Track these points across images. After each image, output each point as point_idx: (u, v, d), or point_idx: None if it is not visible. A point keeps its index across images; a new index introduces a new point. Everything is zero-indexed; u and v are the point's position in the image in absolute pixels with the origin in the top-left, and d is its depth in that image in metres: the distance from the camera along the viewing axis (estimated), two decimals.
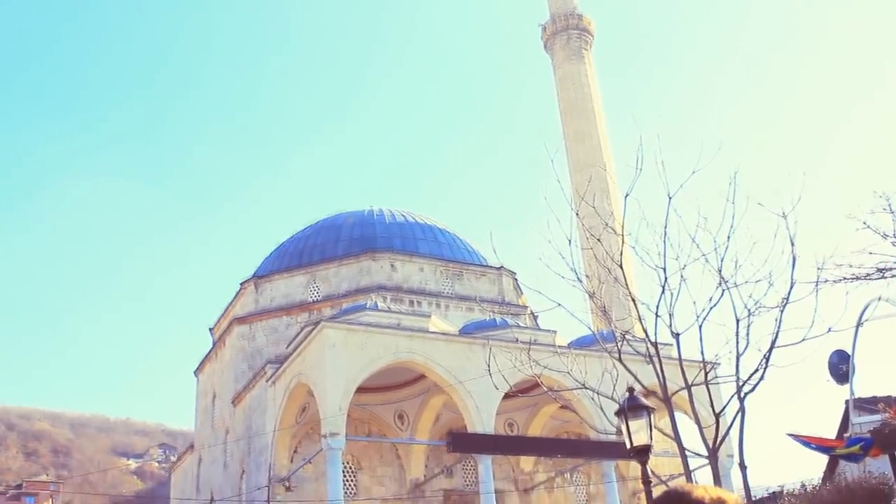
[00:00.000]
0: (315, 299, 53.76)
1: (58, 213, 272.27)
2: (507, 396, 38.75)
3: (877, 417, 16.05)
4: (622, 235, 17.99)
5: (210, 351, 59.44)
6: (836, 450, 15.21)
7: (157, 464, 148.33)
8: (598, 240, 17.96)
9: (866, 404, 21.79)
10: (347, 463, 45.16)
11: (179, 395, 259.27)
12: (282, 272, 55.69)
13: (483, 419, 42.06)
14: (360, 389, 41.02)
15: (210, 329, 62.36)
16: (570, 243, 17.85)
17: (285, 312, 53.63)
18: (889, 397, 20.81)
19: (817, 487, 11.24)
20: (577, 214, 18.93)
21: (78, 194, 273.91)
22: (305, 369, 42.15)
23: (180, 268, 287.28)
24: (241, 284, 56.60)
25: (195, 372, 62.09)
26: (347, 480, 45.13)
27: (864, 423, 17.71)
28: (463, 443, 43.01)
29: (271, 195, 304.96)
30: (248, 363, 52.02)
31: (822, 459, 23.92)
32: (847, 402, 21.99)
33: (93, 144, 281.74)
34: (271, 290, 55.15)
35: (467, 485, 48.78)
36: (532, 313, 53.28)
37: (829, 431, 23.46)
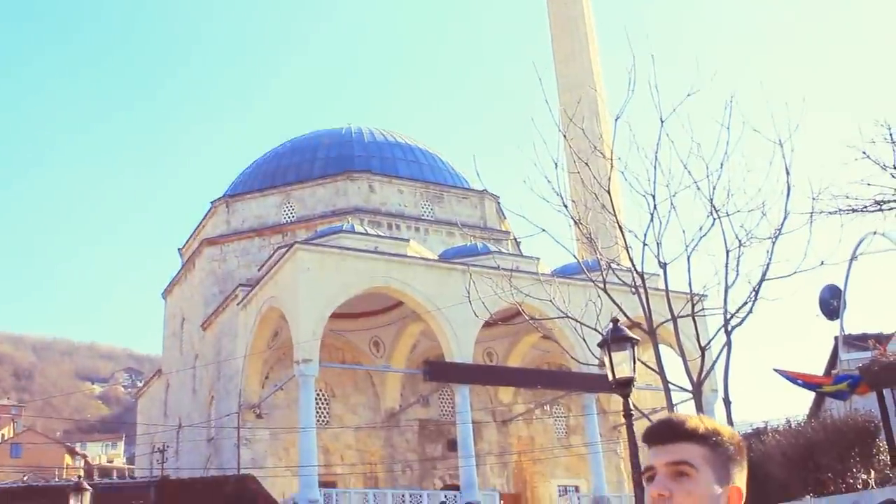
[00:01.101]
0: (289, 221, 53.55)
1: (21, 131, 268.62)
2: (486, 325, 38.91)
3: (866, 354, 16.20)
4: (611, 160, 17.85)
5: (179, 273, 59.30)
6: (823, 387, 15.37)
7: (122, 389, 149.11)
8: (586, 164, 17.81)
9: (856, 341, 22.00)
10: (320, 390, 45.49)
11: (147, 318, 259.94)
12: (255, 192, 55.32)
13: (461, 348, 42.33)
14: (335, 315, 41.11)
15: (179, 250, 62.15)
16: (556, 166, 17.71)
17: (258, 234, 53.44)
18: (880, 334, 21.01)
19: (802, 424, 11.37)
20: (564, 136, 18.74)
21: (44, 113, 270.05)
22: (278, 293, 42.16)
23: (149, 186, 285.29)
24: (211, 204, 56.25)
25: (163, 294, 62.02)
26: (320, 408, 45.51)
27: (853, 360, 17.88)
28: (440, 372, 43.34)
29: (246, 113, 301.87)
30: (218, 286, 51.95)
31: (808, 397, 24.25)
32: (836, 338, 22.20)
33: (65, 60, 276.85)
34: (243, 211, 54.84)
35: (443, 415, 49.32)
36: (515, 239, 53.31)
37: (817, 369, 23.75)
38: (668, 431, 1.97)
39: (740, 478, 2.01)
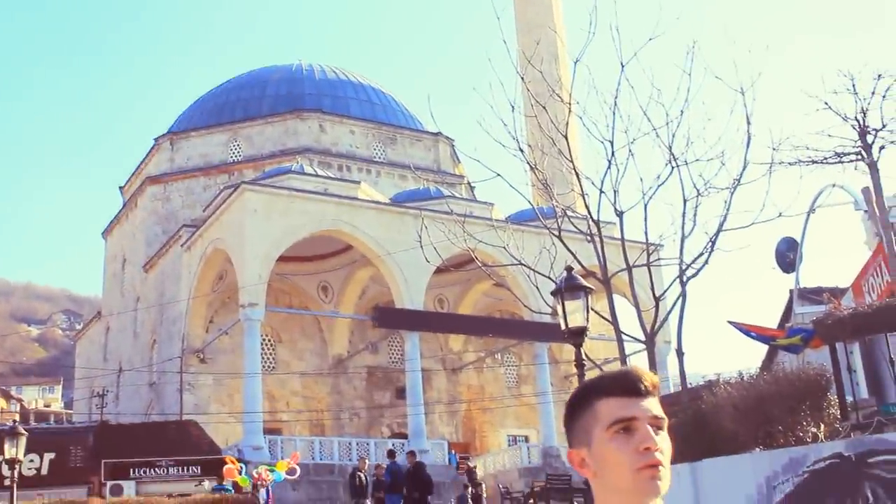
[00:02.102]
0: (236, 160, 52.97)
1: None
2: (438, 271, 39.03)
3: (820, 308, 16.45)
4: (569, 104, 17.82)
5: (120, 212, 58.54)
6: (777, 340, 15.63)
7: (60, 331, 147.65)
8: (544, 107, 17.73)
9: (811, 295, 22.37)
10: (266, 335, 45.42)
11: (86, 259, 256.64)
12: (200, 129, 54.55)
13: (412, 294, 42.44)
14: (282, 259, 40.96)
15: (120, 188, 61.25)
16: (513, 109, 17.63)
17: (203, 173, 52.82)
18: (835, 288, 21.39)
19: (754, 377, 11.57)
20: (522, 79, 18.66)
21: None
22: (223, 235, 41.84)
23: (93, 123, 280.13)
24: (155, 141, 55.40)
25: (103, 234, 61.25)
26: (266, 354, 45.48)
27: (808, 313, 18.16)
28: (389, 318, 43.47)
29: (194, 47, 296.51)
30: (161, 226, 51.42)
31: (761, 350, 24.69)
32: (791, 291, 22.55)
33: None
34: (188, 149, 54.10)
35: (393, 362, 49.55)
36: (469, 184, 53.29)
37: (772, 322, 24.14)
38: (649, 383, 1.95)
39: None
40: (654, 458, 1.86)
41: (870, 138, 16.50)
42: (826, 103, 16.51)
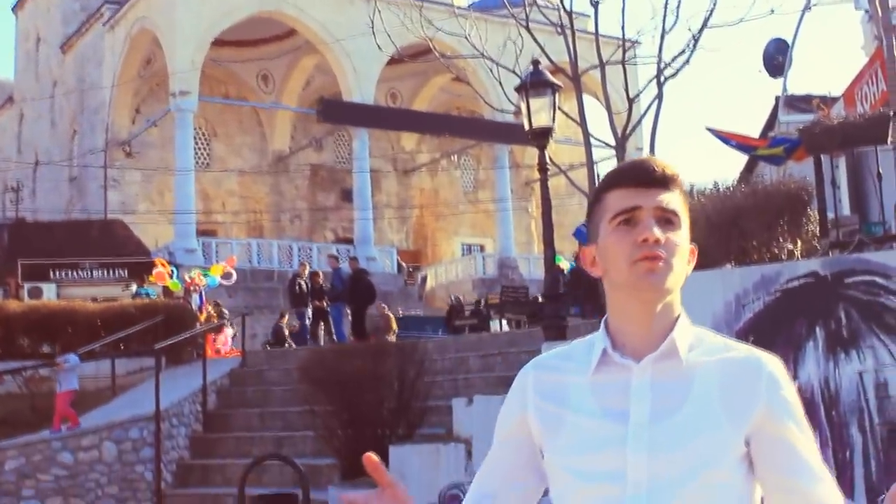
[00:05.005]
0: None
1: None
2: (391, 62, 38.41)
3: (807, 118, 16.47)
4: None
5: None
6: (758, 150, 15.65)
7: None
8: None
9: (799, 102, 22.35)
10: (199, 128, 44.98)
11: None
12: None
13: (361, 86, 42.00)
14: (218, 42, 40.15)
15: None
16: None
17: None
18: (825, 96, 21.36)
19: (731, 189, 11.63)
20: None
21: None
22: (152, 14, 40.73)
23: None
24: None
25: (13, 9, 59.26)
26: (199, 149, 45.13)
27: (793, 122, 18.17)
28: (336, 112, 43.10)
29: None
30: (80, 2, 49.76)
31: (740, 161, 24.86)
32: (777, 98, 22.51)
33: None
34: None
35: (339, 161, 49.50)
36: None
37: (754, 131, 24.21)
38: (659, 173, 1.90)
39: None
40: (653, 251, 1.84)
41: None
42: None
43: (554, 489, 1.97)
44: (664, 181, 1.90)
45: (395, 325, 25.56)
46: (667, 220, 1.88)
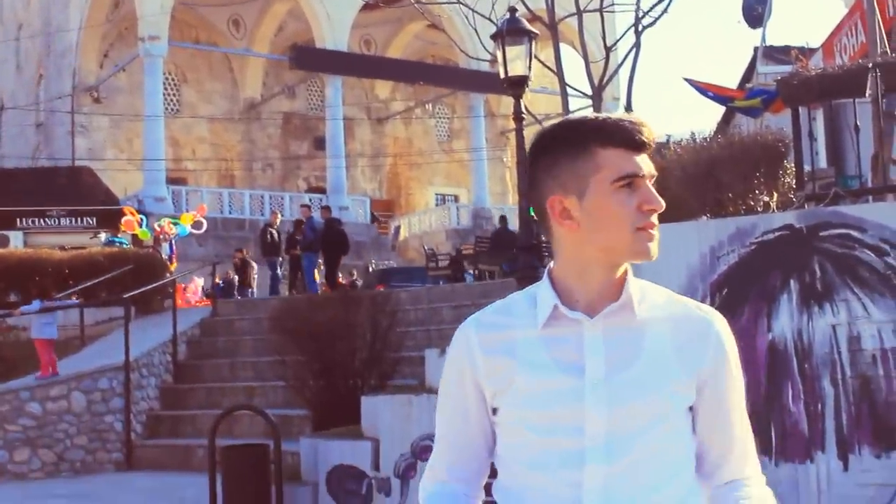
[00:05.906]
0: None
1: None
2: (365, 7, 38.22)
3: (785, 69, 16.46)
4: None
5: None
6: (735, 101, 15.68)
7: None
8: None
9: (777, 53, 22.37)
10: (169, 74, 44.57)
11: None
12: None
13: (335, 32, 41.68)
14: None
15: None
16: None
17: None
18: (804, 48, 21.37)
19: (707, 140, 11.64)
20: None
21: None
22: None
23: None
24: None
25: None
26: (169, 95, 44.74)
27: (771, 73, 18.18)
28: (309, 59, 42.77)
29: None
30: None
31: (717, 112, 24.92)
32: (756, 49, 22.51)
33: None
34: None
35: (311, 109, 49.21)
36: None
37: (732, 83, 24.22)
38: (649, 139, 1.94)
39: None
40: (653, 221, 1.89)
41: None
42: None
43: (506, 444, 1.99)
44: (650, 147, 1.93)
45: None
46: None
